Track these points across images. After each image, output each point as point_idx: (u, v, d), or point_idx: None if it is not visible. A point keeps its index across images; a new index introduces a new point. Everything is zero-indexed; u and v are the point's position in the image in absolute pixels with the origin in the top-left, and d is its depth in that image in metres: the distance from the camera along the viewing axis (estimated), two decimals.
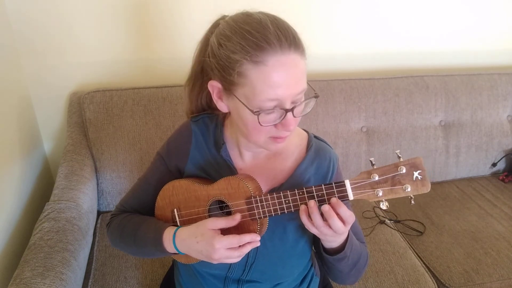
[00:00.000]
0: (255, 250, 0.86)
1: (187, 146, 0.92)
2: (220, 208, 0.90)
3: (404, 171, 0.73)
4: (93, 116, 1.53)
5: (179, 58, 1.69)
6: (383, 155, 1.79)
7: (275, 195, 0.80)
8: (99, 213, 1.57)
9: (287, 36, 0.71)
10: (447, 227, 1.58)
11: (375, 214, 1.62)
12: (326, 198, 0.78)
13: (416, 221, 1.62)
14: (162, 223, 0.90)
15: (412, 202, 0.75)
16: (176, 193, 0.90)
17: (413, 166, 0.74)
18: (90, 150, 1.54)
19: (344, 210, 0.76)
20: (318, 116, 1.70)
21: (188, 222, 0.89)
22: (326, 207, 0.76)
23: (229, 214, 0.85)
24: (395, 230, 1.57)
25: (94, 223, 1.46)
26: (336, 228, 0.76)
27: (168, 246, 0.85)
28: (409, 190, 0.74)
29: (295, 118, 0.76)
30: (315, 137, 0.95)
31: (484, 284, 1.34)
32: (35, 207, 1.49)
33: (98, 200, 1.56)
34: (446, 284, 1.34)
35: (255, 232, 0.82)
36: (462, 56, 2.04)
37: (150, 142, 1.56)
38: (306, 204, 0.79)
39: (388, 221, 1.61)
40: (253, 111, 0.73)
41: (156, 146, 1.56)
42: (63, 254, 1.08)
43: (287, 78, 0.71)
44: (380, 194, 0.75)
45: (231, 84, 0.74)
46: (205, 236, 0.79)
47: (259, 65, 0.70)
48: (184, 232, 0.83)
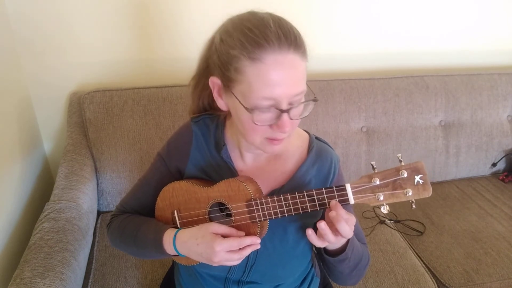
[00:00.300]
0: (256, 251, 0.86)
1: (188, 147, 0.91)
2: (221, 211, 0.90)
3: (405, 175, 0.73)
4: (93, 116, 1.53)
5: (179, 58, 1.69)
6: (383, 155, 1.79)
7: (275, 198, 0.80)
8: (99, 213, 1.57)
9: (287, 36, 0.70)
10: (447, 227, 1.58)
11: (375, 214, 1.62)
12: (326, 201, 0.78)
13: (416, 221, 1.62)
14: (163, 224, 0.90)
15: (413, 206, 0.75)
16: (176, 194, 0.90)
17: (414, 170, 0.73)
18: (90, 150, 1.54)
19: (343, 213, 0.76)
20: (318, 116, 1.70)
21: (188, 224, 0.89)
22: (323, 225, 0.76)
23: (229, 216, 0.85)
24: (395, 230, 1.57)
25: (94, 223, 1.46)
26: (345, 234, 0.76)
27: (168, 248, 0.85)
28: (410, 194, 0.74)
29: (292, 120, 0.75)
30: (317, 138, 0.95)
31: (484, 284, 1.34)
32: (35, 207, 1.49)
33: (98, 200, 1.56)
34: (446, 284, 1.34)
35: (255, 234, 0.82)
36: (462, 56, 2.04)
37: (150, 142, 1.56)
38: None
39: (388, 221, 1.62)
40: (247, 109, 0.73)
41: (156, 146, 1.56)
42: (63, 254, 1.08)
43: (284, 78, 0.70)
44: (381, 198, 0.75)
45: (229, 81, 0.74)
46: (205, 239, 0.79)
47: (256, 62, 0.69)
48: (185, 234, 0.83)
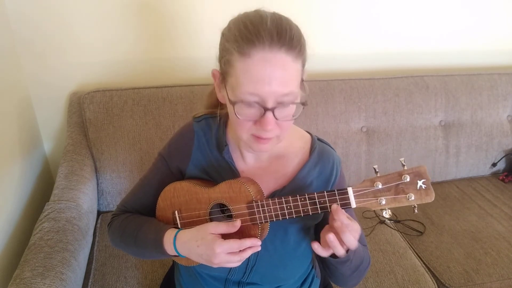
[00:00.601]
0: (256, 252, 0.86)
1: (189, 147, 0.91)
2: (222, 212, 0.90)
3: (408, 179, 0.73)
4: (93, 116, 1.53)
5: (179, 58, 1.69)
6: (383, 155, 1.79)
7: (276, 200, 0.80)
8: (99, 213, 1.56)
9: (281, 36, 0.70)
10: (447, 227, 1.59)
11: (375, 214, 1.62)
12: (328, 205, 0.77)
13: (416, 221, 1.62)
14: (163, 224, 0.90)
15: (416, 211, 0.75)
16: (177, 195, 0.90)
17: (417, 174, 0.73)
18: (90, 150, 1.54)
19: (345, 218, 0.76)
20: (318, 116, 1.70)
21: (188, 224, 0.89)
22: (331, 237, 0.75)
23: (230, 217, 0.85)
24: (395, 230, 1.57)
25: (94, 223, 1.46)
26: (350, 244, 0.76)
27: (169, 248, 0.85)
28: (412, 199, 0.73)
29: (278, 120, 0.74)
30: (319, 139, 0.94)
31: (484, 284, 1.34)
32: (35, 207, 1.49)
33: (98, 200, 1.56)
34: (446, 284, 1.34)
35: (256, 236, 0.82)
36: (462, 56, 2.04)
37: (150, 142, 1.56)
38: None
39: (388, 221, 1.61)
40: (231, 101, 0.74)
41: (156, 146, 1.56)
42: (63, 254, 1.08)
43: (269, 76, 0.70)
44: (383, 202, 0.75)
45: (224, 73, 0.76)
46: (205, 240, 0.79)
47: (245, 56, 0.70)
48: (185, 235, 0.83)
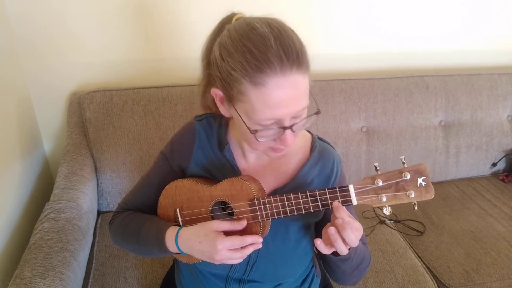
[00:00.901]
0: (257, 250, 0.86)
1: (191, 146, 0.91)
2: (223, 209, 0.90)
3: (408, 177, 0.73)
4: (93, 116, 1.53)
5: (180, 58, 1.69)
6: (383, 155, 1.79)
7: (278, 198, 0.80)
8: (99, 213, 1.56)
9: (289, 55, 0.69)
10: (447, 227, 1.59)
11: (375, 214, 1.62)
12: (329, 202, 0.78)
13: (416, 221, 1.62)
14: (165, 222, 0.90)
15: (416, 208, 0.75)
16: (179, 192, 0.90)
17: (417, 172, 0.74)
18: (90, 150, 1.54)
19: (346, 215, 0.76)
20: (318, 116, 1.68)
21: (190, 222, 0.89)
22: (333, 230, 0.75)
23: (231, 215, 0.85)
24: (395, 230, 1.57)
25: (94, 223, 1.46)
26: (351, 242, 0.75)
27: (170, 246, 0.85)
28: (413, 196, 0.74)
29: (294, 133, 0.76)
30: (319, 138, 0.95)
31: (484, 284, 1.34)
32: (35, 207, 1.49)
33: (98, 200, 1.56)
34: (446, 284, 1.34)
35: (257, 233, 0.82)
36: (462, 56, 2.04)
37: (150, 142, 1.56)
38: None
39: (388, 221, 1.61)
40: (250, 130, 0.74)
41: (156, 146, 1.56)
42: (63, 254, 1.07)
43: (286, 99, 0.71)
44: (384, 199, 0.75)
45: (232, 97, 0.74)
46: (207, 237, 0.79)
47: (259, 86, 0.69)
48: (187, 232, 0.83)
